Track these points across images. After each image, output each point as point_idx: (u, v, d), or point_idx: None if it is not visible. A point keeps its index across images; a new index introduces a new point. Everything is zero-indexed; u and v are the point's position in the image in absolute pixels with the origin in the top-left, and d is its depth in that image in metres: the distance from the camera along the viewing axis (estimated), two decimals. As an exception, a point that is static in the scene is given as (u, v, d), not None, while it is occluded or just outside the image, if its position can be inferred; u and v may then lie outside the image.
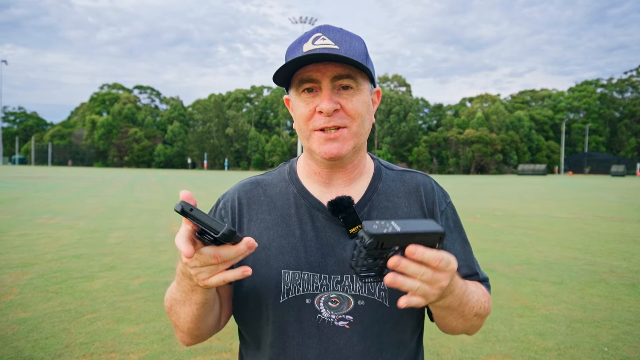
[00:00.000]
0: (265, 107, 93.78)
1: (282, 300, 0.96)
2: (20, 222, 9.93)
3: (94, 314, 4.22)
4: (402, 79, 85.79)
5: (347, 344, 0.94)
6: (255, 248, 0.74)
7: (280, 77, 0.96)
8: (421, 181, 1.08)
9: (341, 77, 0.93)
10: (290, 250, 0.98)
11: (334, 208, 0.97)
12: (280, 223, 1.02)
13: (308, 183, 1.06)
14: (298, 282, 0.96)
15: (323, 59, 0.91)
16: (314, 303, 0.95)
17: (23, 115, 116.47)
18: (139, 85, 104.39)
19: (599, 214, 13.35)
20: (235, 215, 1.05)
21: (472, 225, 10.63)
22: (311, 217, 1.01)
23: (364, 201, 1.03)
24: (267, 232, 1.01)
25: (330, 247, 0.98)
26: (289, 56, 0.97)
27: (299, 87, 0.96)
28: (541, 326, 4.03)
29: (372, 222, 0.71)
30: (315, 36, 0.95)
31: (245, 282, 1.00)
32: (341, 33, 0.96)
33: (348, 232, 0.98)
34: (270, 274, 0.97)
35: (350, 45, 0.94)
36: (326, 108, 0.92)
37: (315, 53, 0.89)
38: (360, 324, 0.94)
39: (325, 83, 0.93)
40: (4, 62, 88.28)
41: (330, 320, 0.95)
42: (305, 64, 0.93)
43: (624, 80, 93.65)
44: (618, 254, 7.29)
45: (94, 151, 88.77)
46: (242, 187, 1.10)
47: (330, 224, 1.00)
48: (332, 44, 0.92)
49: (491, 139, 74.55)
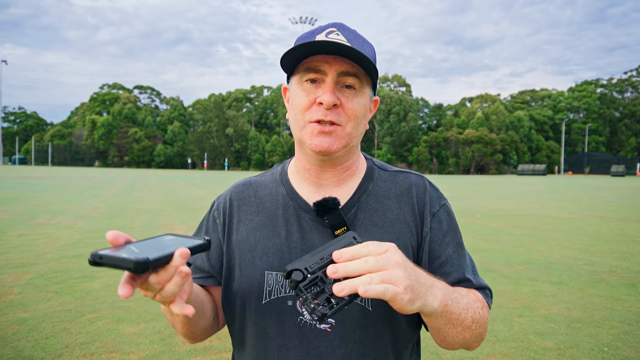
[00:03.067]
0: (265, 107, 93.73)
1: (264, 302, 0.95)
2: (20, 222, 9.92)
3: (94, 314, 4.22)
4: (402, 79, 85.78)
5: (328, 348, 0.92)
6: (188, 256, 0.68)
7: (287, 61, 0.94)
8: (414, 182, 1.05)
9: (347, 74, 0.92)
10: (275, 252, 0.98)
11: (318, 209, 0.95)
12: (267, 224, 1.01)
13: (298, 182, 1.05)
14: (280, 283, 0.95)
15: (335, 52, 0.89)
16: (296, 305, 0.94)
17: (23, 115, 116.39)
18: (139, 85, 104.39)
19: (599, 214, 13.34)
20: (226, 216, 1.06)
21: (472, 225, 10.63)
22: (298, 218, 1.00)
23: (352, 202, 1.00)
24: (254, 233, 1.01)
25: (314, 249, 0.97)
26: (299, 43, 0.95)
27: (303, 75, 0.94)
28: (541, 326, 4.04)
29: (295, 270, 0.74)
30: (329, 30, 0.93)
31: (232, 283, 1.01)
32: (355, 34, 0.96)
33: (333, 233, 0.96)
34: (254, 275, 0.97)
35: (362, 48, 0.93)
36: (327, 100, 0.90)
37: (329, 41, 0.88)
38: (342, 328, 0.93)
39: (331, 76, 0.92)
40: (4, 62, 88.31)
41: (312, 323, 0.94)
42: (316, 53, 0.91)
43: (624, 80, 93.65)
44: (618, 254, 7.29)
45: (94, 151, 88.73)
46: (235, 188, 1.10)
47: (317, 225, 0.98)
48: (345, 41, 0.91)
49: (491, 139, 74.52)
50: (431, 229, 1.01)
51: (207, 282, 1.05)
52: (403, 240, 0.98)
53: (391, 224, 0.99)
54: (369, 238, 0.96)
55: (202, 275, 1.06)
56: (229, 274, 1.02)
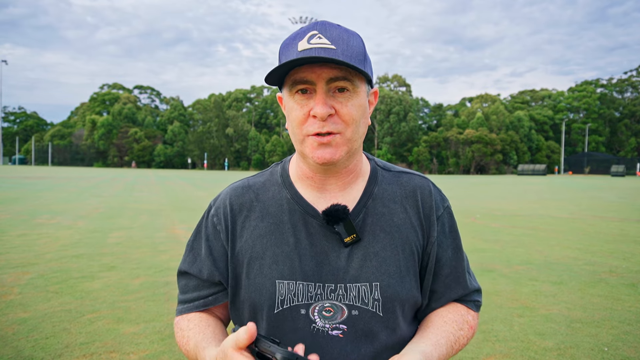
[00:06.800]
0: (265, 107, 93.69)
1: (277, 311, 0.94)
2: (20, 222, 9.92)
3: (94, 314, 4.22)
4: (402, 79, 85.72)
5: (341, 353, 0.93)
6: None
7: (273, 77, 0.91)
8: (418, 184, 1.05)
9: (337, 79, 0.89)
10: (284, 260, 0.96)
11: (328, 218, 0.95)
12: (273, 231, 0.99)
13: (301, 187, 1.03)
14: (292, 292, 0.94)
15: (319, 60, 0.86)
16: (309, 313, 0.94)
17: (23, 115, 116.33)
18: (139, 85, 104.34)
19: (599, 214, 13.34)
20: (228, 222, 1.02)
21: (472, 225, 10.63)
22: (305, 223, 0.99)
23: (359, 207, 1.00)
24: (260, 240, 0.99)
25: (324, 255, 0.96)
26: (282, 53, 0.93)
27: (293, 88, 0.92)
28: (541, 326, 4.03)
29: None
30: (311, 34, 0.89)
31: (240, 292, 0.99)
32: (338, 30, 0.91)
33: (342, 240, 0.96)
34: (264, 284, 0.96)
35: (347, 45, 0.89)
36: (320, 113, 0.88)
37: (309, 56, 0.85)
38: (354, 333, 0.93)
39: (320, 85, 0.89)
40: (4, 62, 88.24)
41: (325, 330, 0.93)
42: (300, 65, 0.89)
43: (624, 80, 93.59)
44: (618, 254, 7.29)
45: (94, 151, 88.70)
46: (233, 191, 1.06)
47: (325, 231, 0.98)
48: (329, 43, 0.88)
49: (491, 139, 74.49)
50: (437, 233, 1.02)
51: (217, 301, 1.04)
52: (410, 244, 0.99)
53: (398, 229, 1.00)
54: (377, 243, 0.98)
55: (213, 292, 1.04)
56: (236, 283, 1.00)
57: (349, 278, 0.95)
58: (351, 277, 0.95)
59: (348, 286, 0.94)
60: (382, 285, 0.94)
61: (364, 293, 0.94)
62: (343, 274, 0.95)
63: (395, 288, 0.95)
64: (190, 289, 1.05)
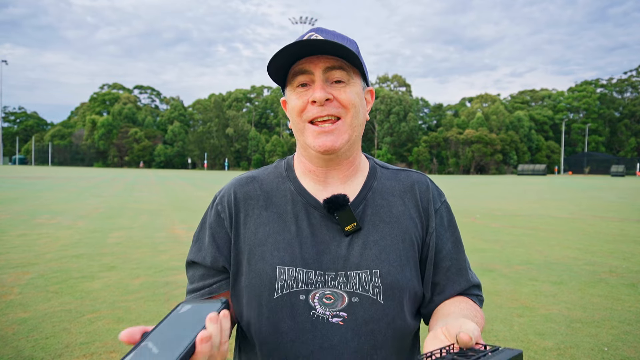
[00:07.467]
0: (265, 107, 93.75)
1: (276, 296, 0.96)
2: (20, 222, 9.93)
3: (94, 314, 4.22)
4: (402, 79, 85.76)
5: (341, 341, 0.94)
6: (210, 339, 0.66)
7: (274, 70, 0.97)
8: (416, 179, 1.08)
9: (333, 69, 0.95)
10: (286, 247, 0.98)
11: (329, 206, 0.98)
12: (276, 219, 1.02)
13: (304, 181, 1.06)
14: (292, 278, 0.96)
15: (316, 52, 0.93)
16: (309, 299, 0.95)
17: (23, 115, 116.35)
18: (139, 85, 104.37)
19: (598, 214, 13.35)
20: (232, 210, 1.04)
21: (472, 225, 10.63)
22: (307, 214, 1.01)
23: (359, 199, 1.03)
24: (263, 228, 1.01)
25: (325, 244, 0.98)
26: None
27: (293, 81, 0.97)
28: (541, 326, 4.04)
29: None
30: (309, 35, 0.96)
31: (240, 279, 1.01)
32: (334, 34, 0.99)
33: (343, 229, 0.98)
34: (264, 269, 0.97)
35: (342, 41, 0.97)
36: (318, 96, 0.93)
37: (308, 39, 0.91)
38: (354, 321, 0.94)
39: (318, 74, 0.95)
40: (4, 62, 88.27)
41: (325, 317, 0.94)
42: (299, 58, 0.94)
43: (624, 80, 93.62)
44: (618, 254, 7.29)
45: (94, 151, 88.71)
46: (237, 182, 1.09)
47: (326, 221, 1.00)
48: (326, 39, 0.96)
49: (491, 139, 74.51)
50: (435, 224, 1.05)
51: (222, 288, 1.04)
52: (410, 234, 1.01)
53: (397, 220, 1.02)
54: (377, 232, 1.00)
55: (218, 279, 1.04)
56: (237, 270, 1.02)
57: (350, 266, 0.96)
58: (352, 264, 0.96)
59: (349, 274, 0.96)
60: (382, 272, 0.96)
61: (365, 280, 0.95)
62: (344, 262, 0.97)
63: (396, 276, 0.97)
64: (196, 279, 1.06)
